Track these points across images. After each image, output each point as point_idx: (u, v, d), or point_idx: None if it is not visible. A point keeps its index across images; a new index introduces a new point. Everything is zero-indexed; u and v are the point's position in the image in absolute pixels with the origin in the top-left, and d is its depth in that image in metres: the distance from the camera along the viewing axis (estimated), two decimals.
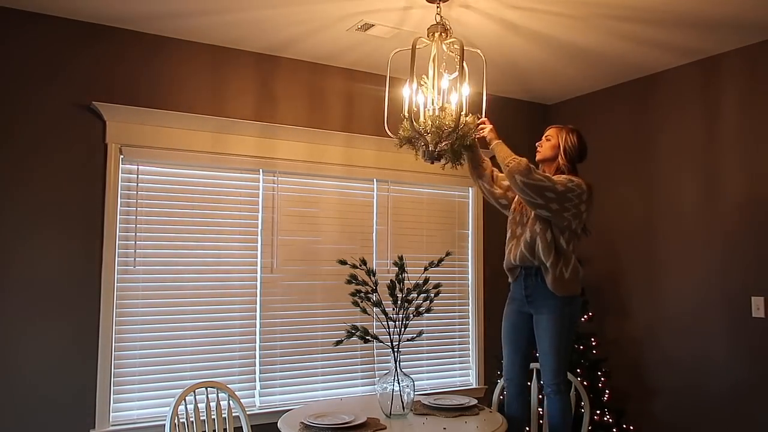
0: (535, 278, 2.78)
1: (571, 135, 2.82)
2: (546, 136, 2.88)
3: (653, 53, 3.46)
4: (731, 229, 3.36)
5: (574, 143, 2.81)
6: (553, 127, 2.90)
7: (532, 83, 4.05)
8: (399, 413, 2.63)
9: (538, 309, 2.80)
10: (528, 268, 2.81)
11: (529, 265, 2.79)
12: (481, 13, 2.92)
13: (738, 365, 3.30)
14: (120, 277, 3.08)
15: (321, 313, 3.59)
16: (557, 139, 2.82)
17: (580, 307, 2.94)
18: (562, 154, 2.80)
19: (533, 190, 2.59)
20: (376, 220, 3.83)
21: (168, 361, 3.18)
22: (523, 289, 2.85)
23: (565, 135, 2.82)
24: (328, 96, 3.71)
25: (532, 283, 2.80)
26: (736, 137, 3.36)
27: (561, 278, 2.71)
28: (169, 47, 3.26)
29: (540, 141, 2.90)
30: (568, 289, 2.74)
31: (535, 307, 2.82)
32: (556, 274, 2.70)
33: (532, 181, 2.57)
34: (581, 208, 2.71)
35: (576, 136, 2.83)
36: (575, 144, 2.81)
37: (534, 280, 2.79)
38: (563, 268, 2.72)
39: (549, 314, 2.75)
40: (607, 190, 4.06)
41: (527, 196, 2.62)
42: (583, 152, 2.85)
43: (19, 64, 2.91)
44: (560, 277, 2.71)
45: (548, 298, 2.75)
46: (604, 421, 3.59)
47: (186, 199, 3.27)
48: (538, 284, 2.77)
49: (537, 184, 2.58)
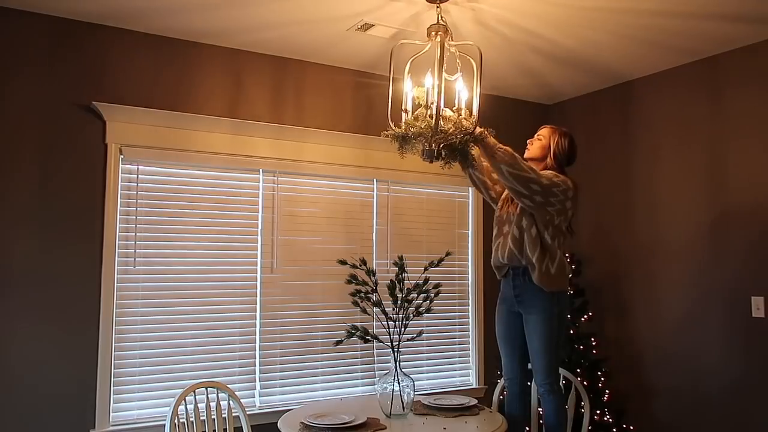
0: (523, 278, 2.80)
1: (563, 138, 2.84)
2: (538, 135, 2.89)
3: (654, 53, 3.46)
4: (731, 229, 3.36)
5: (565, 148, 2.83)
6: (547, 127, 2.91)
7: (532, 83, 4.05)
8: (399, 413, 2.63)
9: (528, 309, 2.82)
10: (516, 268, 2.82)
11: (517, 265, 2.80)
12: (481, 14, 2.92)
13: (738, 365, 3.30)
14: (120, 277, 3.08)
15: (321, 313, 3.59)
16: (548, 141, 2.84)
17: (568, 304, 2.96)
18: (551, 156, 2.82)
19: (518, 180, 2.59)
20: (376, 220, 3.83)
21: (168, 361, 3.18)
22: (512, 289, 2.86)
23: (558, 138, 2.84)
24: (329, 96, 3.71)
25: (521, 282, 2.81)
26: (737, 137, 3.35)
27: (547, 273, 2.72)
28: (170, 47, 3.25)
29: (531, 139, 2.91)
30: (554, 284, 2.75)
31: (525, 307, 2.83)
32: (542, 269, 2.72)
33: (517, 171, 2.58)
34: (566, 205, 2.72)
35: (568, 140, 2.84)
36: (566, 148, 2.83)
37: (522, 280, 2.81)
38: (549, 263, 2.73)
39: (538, 314, 2.77)
40: (607, 189, 4.06)
41: (512, 185, 2.62)
42: (572, 157, 2.87)
43: (19, 64, 2.91)
44: (546, 272, 2.72)
45: (537, 298, 2.76)
46: (604, 421, 3.60)
47: (186, 199, 3.27)
48: (527, 284, 2.79)
49: (522, 174, 2.59)
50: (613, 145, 4.05)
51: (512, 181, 2.59)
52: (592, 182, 4.11)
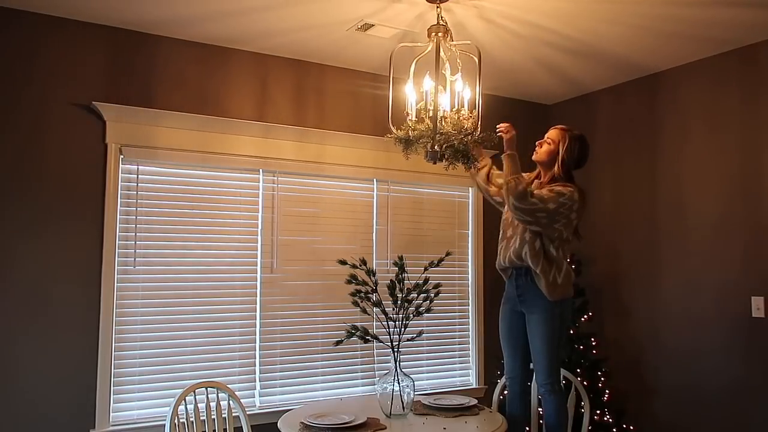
0: (526, 278, 2.81)
1: (573, 143, 2.77)
2: (547, 138, 2.84)
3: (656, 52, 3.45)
4: (731, 228, 3.36)
5: (574, 153, 2.76)
6: (557, 128, 2.85)
7: (532, 83, 4.05)
8: (399, 413, 2.63)
9: (530, 309, 2.83)
10: (519, 269, 2.85)
11: (519, 266, 2.82)
12: (481, 14, 2.91)
13: (738, 365, 3.29)
14: (120, 277, 3.08)
15: (321, 313, 3.59)
16: (557, 146, 2.78)
17: (572, 306, 2.96)
18: (559, 164, 2.77)
19: (525, 212, 2.65)
20: (376, 220, 3.83)
21: (168, 361, 3.17)
22: (515, 289, 2.88)
23: (567, 143, 2.76)
24: (329, 96, 3.71)
25: (523, 282, 2.83)
26: (737, 137, 3.35)
27: (554, 284, 2.75)
28: (170, 47, 3.25)
29: (541, 140, 2.88)
30: (560, 293, 2.78)
31: (527, 307, 2.84)
32: (549, 280, 2.74)
33: (524, 206, 2.62)
34: (572, 217, 2.72)
35: (578, 144, 2.78)
36: (574, 153, 2.77)
37: (524, 280, 2.82)
38: (556, 273, 2.75)
39: (540, 314, 2.78)
40: (608, 190, 4.06)
41: (518, 215, 2.68)
42: (582, 160, 2.81)
43: (19, 64, 2.91)
44: (554, 283, 2.75)
45: (539, 299, 2.78)
46: (604, 421, 3.60)
47: (186, 199, 3.27)
48: (529, 284, 2.80)
49: (529, 208, 2.63)
50: (613, 145, 4.05)
51: (518, 213, 2.66)
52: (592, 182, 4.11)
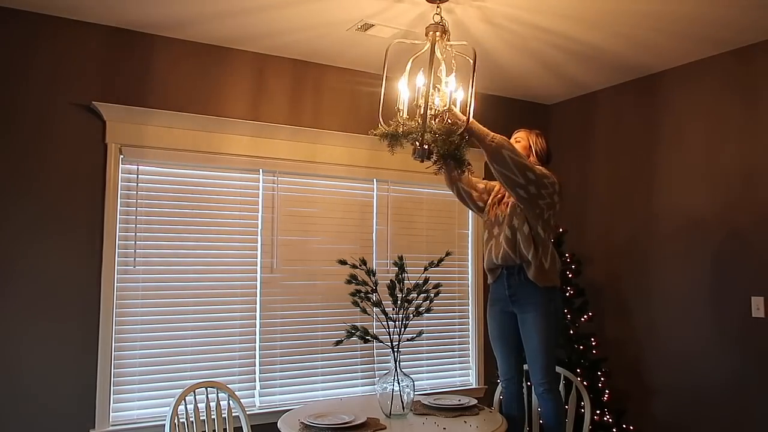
0: (518, 276, 2.81)
1: (540, 138, 2.96)
2: (515, 137, 2.96)
3: (655, 52, 3.45)
4: (731, 228, 3.36)
5: (544, 147, 2.94)
6: (522, 130, 3.00)
7: (532, 83, 4.05)
8: (399, 413, 2.63)
9: (523, 308, 2.82)
10: (510, 268, 2.83)
11: (512, 264, 2.81)
12: (481, 14, 2.92)
13: (738, 365, 3.29)
14: (120, 277, 3.08)
15: (321, 313, 3.59)
16: (528, 141, 2.94)
17: (561, 302, 2.98)
18: (533, 155, 2.90)
19: (517, 166, 2.60)
20: (376, 220, 3.83)
21: (168, 361, 3.17)
22: (505, 289, 2.87)
23: (535, 138, 2.95)
24: (329, 96, 3.71)
25: (515, 281, 2.82)
26: (736, 137, 3.36)
27: (541, 268, 2.75)
28: (169, 47, 3.25)
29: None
30: (548, 278, 2.77)
31: (519, 306, 2.83)
32: (536, 264, 2.74)
33: (517, 157, 2.61)
34: (554, 199, 2.75)
35: (544, 140, 2.96)
36: (544, 147, 2.94)
37: (517, 279, 2.82)
38: (543, 257, 2.77)
39: (534, 312, 2.78)
40: (608, 189, 4.06)
41: (510, 173, 2.59)
42: (549, 156, 2.97)
43: (19, 64, 2.91)
44: (540, 267, 2.75)
45: (532, 296, 2.78)
46: (604, 421, 3.60)
47: (186, 199, 3.27)
48: (521, 282, 2.80)
49: (521, 161, 2.62)
50: (613, 145, 4.05)
51: (512, 168, 2.58)
52: (592, 182, 4.12)
